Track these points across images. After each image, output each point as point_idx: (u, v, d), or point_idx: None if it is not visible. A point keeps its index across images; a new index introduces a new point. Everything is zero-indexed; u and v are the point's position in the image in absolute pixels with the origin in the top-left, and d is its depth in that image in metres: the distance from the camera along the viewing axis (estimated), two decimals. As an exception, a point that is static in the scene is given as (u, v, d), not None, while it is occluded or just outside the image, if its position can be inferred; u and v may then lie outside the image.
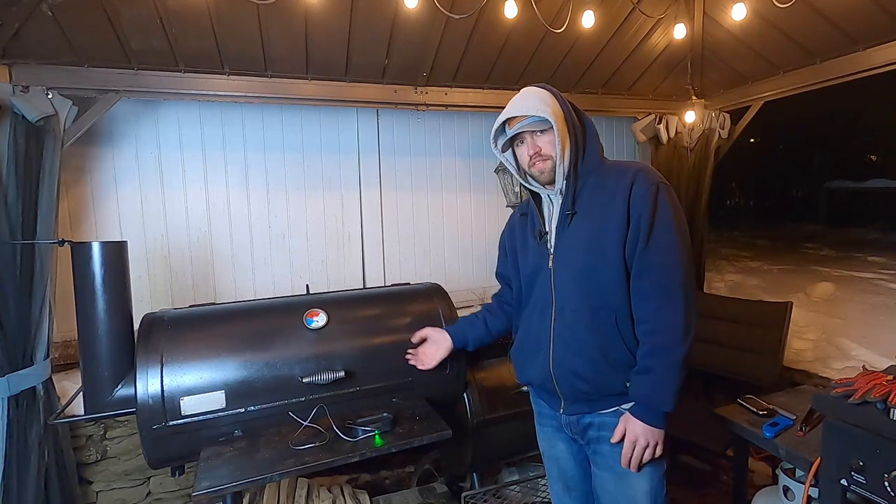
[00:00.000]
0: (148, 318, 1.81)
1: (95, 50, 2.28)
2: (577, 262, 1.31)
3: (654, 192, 1.24)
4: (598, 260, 1.28)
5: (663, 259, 1.23)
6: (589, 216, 1.31)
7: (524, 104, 1.31)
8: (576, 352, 1.31)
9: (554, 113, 1.28)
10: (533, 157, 1.33)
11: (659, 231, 1.23)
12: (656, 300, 1.23)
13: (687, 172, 3.63)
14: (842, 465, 1.31)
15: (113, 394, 1.72)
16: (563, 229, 1.35)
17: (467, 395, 2.20)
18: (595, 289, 1.29)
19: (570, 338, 1.33)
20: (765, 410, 1.87)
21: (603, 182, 1.31)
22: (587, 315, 1.30)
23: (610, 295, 1.28)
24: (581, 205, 1.32)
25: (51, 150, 2.16)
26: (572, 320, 1.32)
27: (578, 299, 1.31)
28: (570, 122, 1.31)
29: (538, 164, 1.33)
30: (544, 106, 1.28)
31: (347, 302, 2.07)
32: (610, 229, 1.26)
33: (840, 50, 2.69)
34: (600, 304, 1.29)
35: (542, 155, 1.32)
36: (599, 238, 1.28)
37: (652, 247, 1.23)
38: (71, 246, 1.70)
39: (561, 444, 1.51)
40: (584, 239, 1.30)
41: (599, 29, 2.76)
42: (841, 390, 1.33)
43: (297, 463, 1.55)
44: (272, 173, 3.04)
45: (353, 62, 2.72)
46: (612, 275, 1.27)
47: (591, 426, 1.38)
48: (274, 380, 1.78)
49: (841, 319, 3.48)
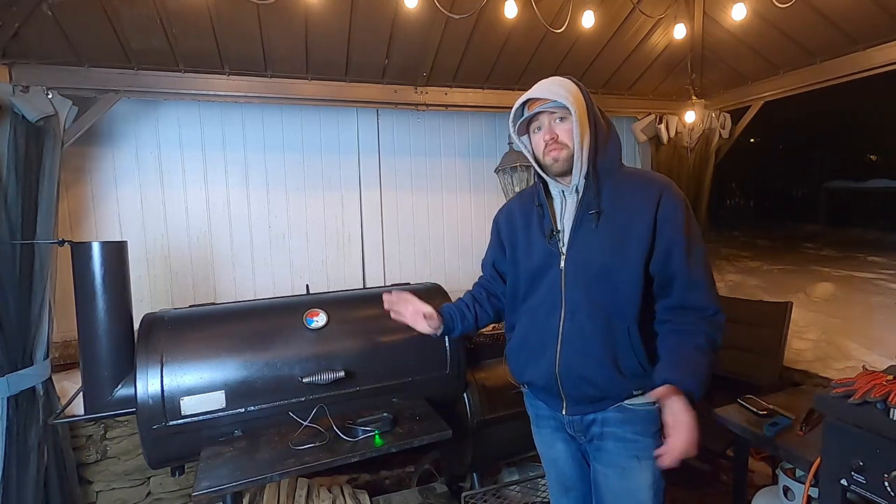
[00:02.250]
0: (148, 318, 1.81)
1: (95, 50, 2.28)
2: (593, 265, 1.27)
3: (683, 209, 1.25)
4: (616, 265, 1.25)
5: (704, 275, 1.26)
6: (610, 219, 1.27)
7: (547, 88, 1.27)
8: (586, 357, 1.28)
9: (576, 101, 1.24)
10: (549, 144, 1.28)
11: (695, 245, 1.25)
12: (707, 311, 1.25)
13: (687, 172, 3.63)
14: (842, 465, 1.31)
15: (113, 394, 1.72)
16: (579, 229, 1.30)
17: (467, 394, 2.20)
18: (610, 294, 1.26)
19: (580, 342, 1.29)
20: (765, 410, 1.86)
21: (624, 187, 1.28)
22: (601, 320, 1.27)
23: (625, 302, 1.26)
24: (603, 205, 1.28)
25: (51, 150, 2.16)
26: (584, 325, 1.29)
27: (592, 303, 1.28)
28: (592, 116, 1.28)
29: (553, 151, 1.28)
30: (566, 93, 1.24)
31: (347, 302, 2.07)
32: (634, 237, 1.24)
33: (840, 50, 2.69)
34: (614, 311, 1.26)
35: (559, 143, 1.27)
36: (621, 244, 1.25)
37: (693, 262, 1.24)
38: (71, 246, 1.71)
39: (559, 444, 1.50)
40: (604, 241, 1.26)
41: (599, 29, 2.75)
42: (841, 390, 1.33)
43: (297, 463, 1.55)
44: (272, 173, 3.04)
45: (353, 62, 2.72)
46: (631, 282, 1.25)
47: (594, 422, 1.36)
48: (274, 380, 1.78)
49: (841, 319, 3.47)
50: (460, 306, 1.54)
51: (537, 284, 1.38)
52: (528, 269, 1.40)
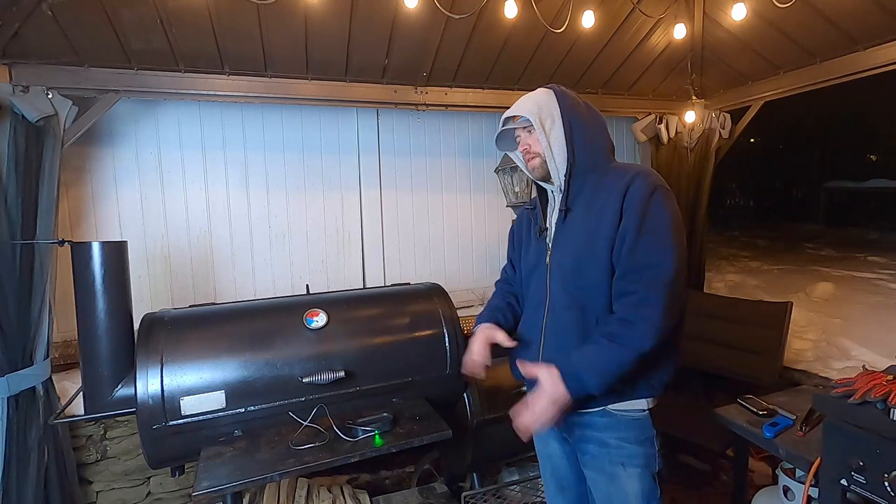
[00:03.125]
0: (148, 318, 1.81)
1: (95, 50, 2.28)
2: (569, 260, 1.33)
3: (649, 194, 1.21)
4: (587, 258, 1.28)
5: (651, 260, 1.18)
6: (585, 215, 1.31)
7: (518, 105, 1.39)
8: (564, 350, 1.29)
9: (538, 113, 1.34)
10: (524, 154, 1.41)
11: (650, 232, 1.19)
12: (636, 297, 1.18)
13: (687, 173, 3.63)
14: (842, 465, 1.32)
15: (113, 394, 1.72)
16: (559, 226, 1.37)
17: (467, 394, 2.20)
18: (583, 288, 1.29)
19: (559, 336, 1.33)
20: (765, 410, 1.87)
21: (603, 182, 1.31)
22: (576, 313, 1.30)
23: (596, 294, 1.27)
24: (579, 203, 1.33)
25: (51, 150, 2.16)
26: (562, 319, 1.33)
27: (568, 297, 1.32)
28: (567, 119, 1.33)
29: (529, 161, 1.40)
30: (535, 107, 1.35)
31: (347, 302, 2.07)
32: (602, 228, 1.25)
33: (840, 50, 2.69)
34: (587, 304, 1.29)
35: (531, 152, 1.38)
36: (591, 237, 1.28)
37: (641, 248, 1.19)
38: (71, 246, 1.71)
39: (554, 443, 1.51)
40: (577, 237, 1.32)
41: (599, 29, 2.75)
42: (841, 390, 1.33)
43: (297, 463, 1.55)
44: (272, 173, 3.04)
45: (352, 62, 2.72)
46: (600, 275, 1.26)
47: (577, 425, 1.37)
48: (274, 380, 1.78)
49: (841, 319, 3.47)
50: (503, 311, 1.55)
51: (530, 280, 1.46)
52: (527, 267, 1.49)
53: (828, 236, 10.43)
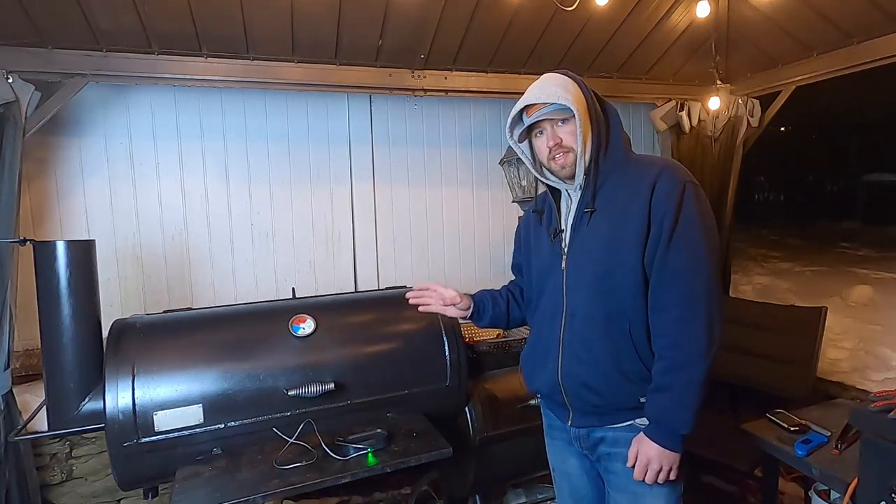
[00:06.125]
0: (118, 325, 1.81)
1: (60, 30, 2.28)
2: (591, 265, 1.32)
3: (681, 191, 1.23)
4: (614, 263, 1.28)
5: (687, 266, 1.22)
6: (608, 215, 1.31)
7: (545, 91, 1.30)
8: (587, 362, 1.32)
9: (576, 101, 1.27)
10: (553, 150, 1.32)
11: (683, 234, 1.22)
12: (677, 311, 1.23)
13: (711, 164, 3.63)
14: (881, 487, 1.32)
15: (79, 408, 1.72)
16: (579, 228, 1.35)
17: (469, 409, 2.20)
18: (610, 295, 1.30)
19: (580, 347, 1.34)
20: (796, 426, 1.87)
21: (625, 179, 1.31)
22: (601, 323, 1.30)
23: (625, 302, 1.28)
24: (600, 202, 1.32)
25: (11, 140, 2.16)
26: (584, 328, 1.33)
27: (591, 305, 1.32)
28: (594, 112, 1.31)
29: (559, 157, 1.32)
30: (566, 93, 1.27)
31: (337, 307, 2.08)
32: (630, 230, 1.26)
33: (878, 30, 2.69)
34: (614, 312, 1.29)
35: (564, 147, 1.31)
36: (618, 239, 1.28)
37: (674, 251, 1.22)
38: (33, 245, 1.71)
39: (573, 460, 1.52)
40: (602, 239, 1.31)
41: (614, 7, 2.75)
42: (880, 404, 1.34)
43: (283, 484, 1.55)
44: (254, 165, 3.04)
45: (343, 43, 2.72)
46: (629, 281, 1.27)
47: (602, 441, 1.39)
48: (256, 393, 1.79)
49: (880, 326, 3.48)
50: (493, 293, 1.62)
51: (543, 286, 1.46)
52: (538, 272, 1.49)
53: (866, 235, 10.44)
